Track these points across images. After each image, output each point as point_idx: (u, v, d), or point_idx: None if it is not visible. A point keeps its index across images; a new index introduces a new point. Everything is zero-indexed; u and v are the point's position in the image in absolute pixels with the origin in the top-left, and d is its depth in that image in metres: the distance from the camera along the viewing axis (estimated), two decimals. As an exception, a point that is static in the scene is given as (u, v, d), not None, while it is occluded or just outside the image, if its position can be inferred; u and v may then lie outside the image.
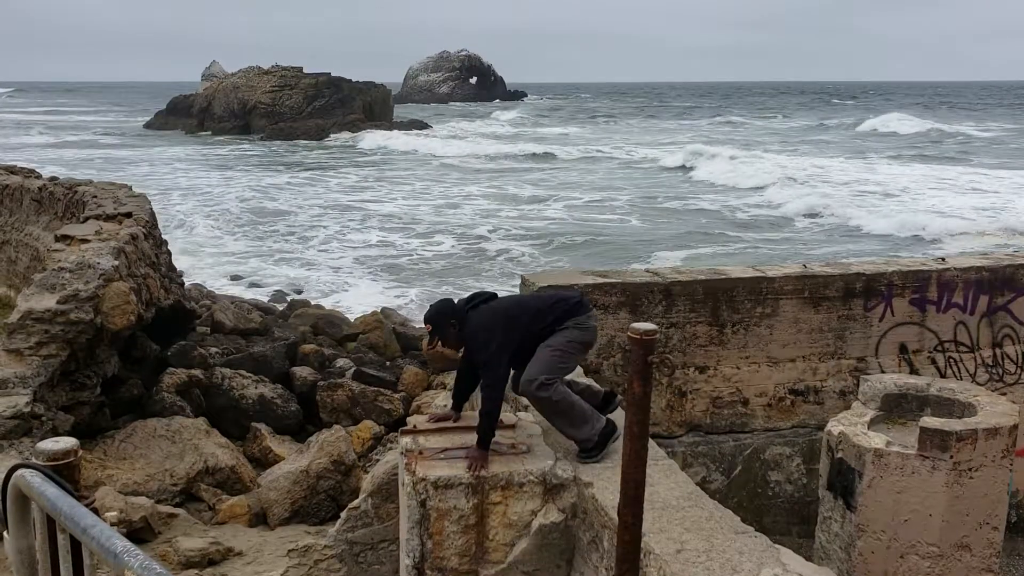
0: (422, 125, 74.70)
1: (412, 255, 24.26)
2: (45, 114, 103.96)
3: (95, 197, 12.02)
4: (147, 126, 79.82)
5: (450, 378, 9.36)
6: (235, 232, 27.72)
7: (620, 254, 23.97)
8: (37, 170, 17.39)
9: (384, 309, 15.43)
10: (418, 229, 27.96)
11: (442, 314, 4.54)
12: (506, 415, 4.72)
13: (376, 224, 29.00)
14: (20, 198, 14.46)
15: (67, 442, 1.81)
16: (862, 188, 36.22)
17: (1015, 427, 5.03)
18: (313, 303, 16.38)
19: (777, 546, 3.58)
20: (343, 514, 5.54)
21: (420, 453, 4.27)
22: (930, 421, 5.00)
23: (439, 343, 4.55)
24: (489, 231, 27.58)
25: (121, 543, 1.54)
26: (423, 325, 4.72)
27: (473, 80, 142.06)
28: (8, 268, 14.31)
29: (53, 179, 14.92)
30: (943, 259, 7.84)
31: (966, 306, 7.42)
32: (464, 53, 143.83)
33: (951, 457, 4.84)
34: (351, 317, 14.47)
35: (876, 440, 5.05)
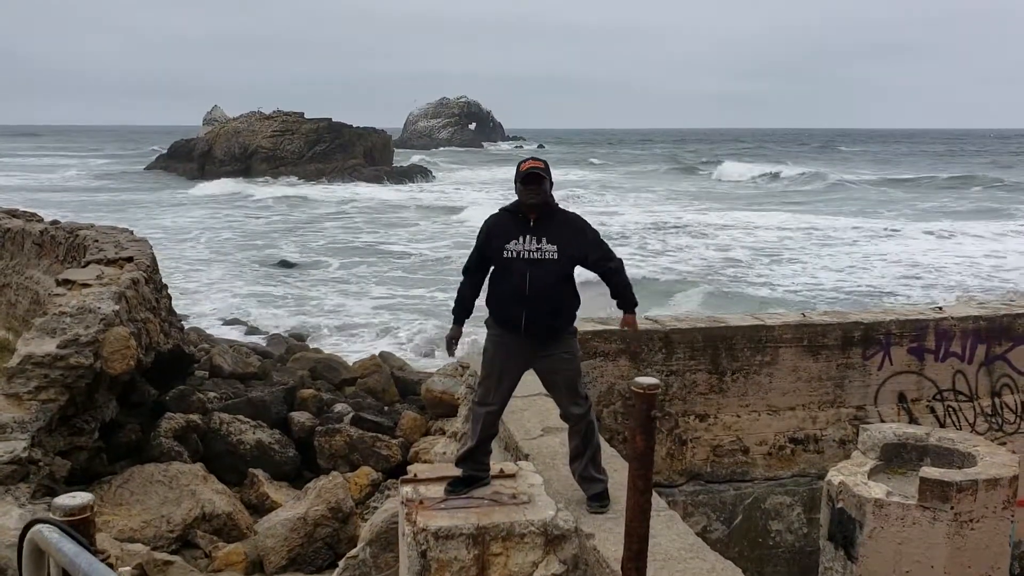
0: (424, 171, 74.97)
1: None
2: (49, 157, 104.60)
3: (96, 241, 12.10)
4: (148, 169, 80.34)
5: (449, 424, 9.32)
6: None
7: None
8: (38, 213, 17.51)
9: (383, 353, 15.43)
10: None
11: (549, 170, 4.30)
12: (507, 464, 4.72)
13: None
14: (21, 241, 14.53)
15: (84, 497, 1.84)
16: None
17: (1015, 477, 5.04)
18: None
19: (780, 599, 3.57)
20: (341, 563, 5.50)
21: (421, 503, 4.26)
22: (930, 471, 5.00)
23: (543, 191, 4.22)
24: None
25: (140, 601, 1.55)
26: (534, 162, 4.28)
27: (472, 126, 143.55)
28: (8, 311, 14.33)
29: (55, 223, 15.01)
30: (940, 308, 7.89)
31: (964, 355, 7.45)
32: (463, 100, 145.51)
33: (952, 508, 4.84)
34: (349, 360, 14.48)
35: (876, 490, 5.05)
